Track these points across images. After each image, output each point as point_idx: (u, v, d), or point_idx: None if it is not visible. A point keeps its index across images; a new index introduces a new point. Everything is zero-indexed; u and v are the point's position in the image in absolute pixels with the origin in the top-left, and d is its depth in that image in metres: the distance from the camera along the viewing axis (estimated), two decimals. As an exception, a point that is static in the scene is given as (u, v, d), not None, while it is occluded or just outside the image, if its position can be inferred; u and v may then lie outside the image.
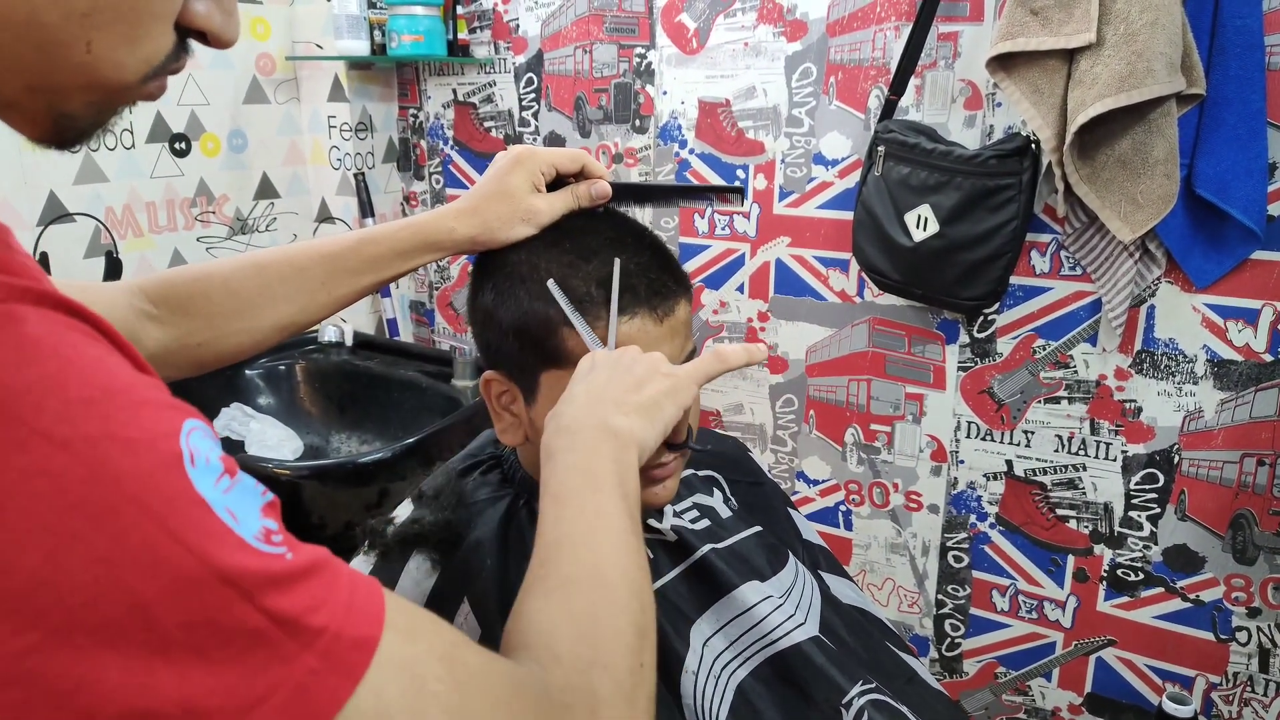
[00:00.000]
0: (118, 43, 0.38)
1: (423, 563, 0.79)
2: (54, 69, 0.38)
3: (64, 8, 0.36)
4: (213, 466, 0.36)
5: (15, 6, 0.35)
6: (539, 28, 1.83)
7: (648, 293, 0.72)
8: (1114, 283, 1.35)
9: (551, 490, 0.58)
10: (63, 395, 0.32)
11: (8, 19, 0.36)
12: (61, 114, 0.40)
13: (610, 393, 0.62)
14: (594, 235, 0.75)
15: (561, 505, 0.57)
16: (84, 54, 0.38)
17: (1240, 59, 1.21)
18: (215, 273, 0.76)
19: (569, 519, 0.56)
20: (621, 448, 0.60)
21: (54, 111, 0.40)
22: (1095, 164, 1.25)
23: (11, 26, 0.36)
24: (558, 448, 0.60)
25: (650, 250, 0.76)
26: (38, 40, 0.36)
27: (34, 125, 0.40)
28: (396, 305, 2.11)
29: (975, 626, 1.67)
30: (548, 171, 0.77)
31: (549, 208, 0.76)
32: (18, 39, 0.36)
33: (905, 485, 1.67)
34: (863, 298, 1.62)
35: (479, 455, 0.90)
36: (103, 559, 0.31)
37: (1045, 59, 1.24)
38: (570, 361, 0.72)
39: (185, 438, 0.35)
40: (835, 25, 1.53)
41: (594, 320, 0.72)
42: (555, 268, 0.73)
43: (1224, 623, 1.45)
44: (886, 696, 0.81)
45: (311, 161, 2.03)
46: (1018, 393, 1.52)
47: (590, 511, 0.56)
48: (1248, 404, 1.35)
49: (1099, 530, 1.51)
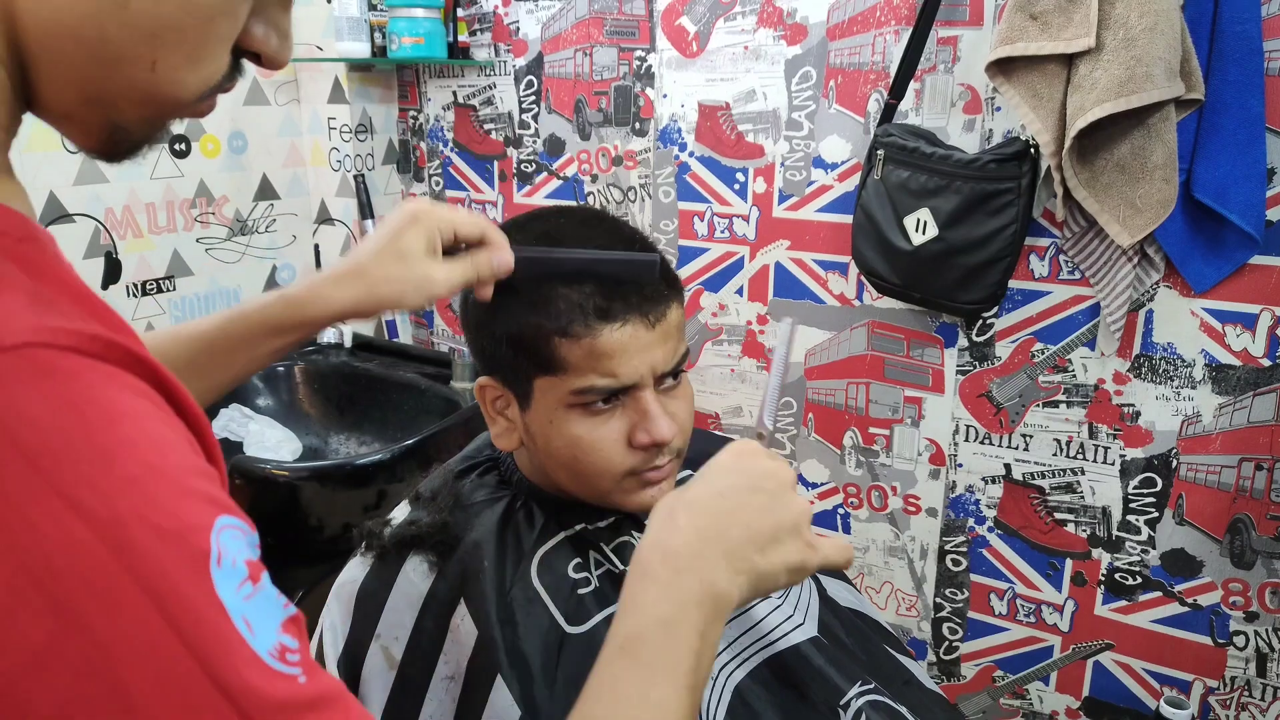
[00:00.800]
0: (181, 63, 0.39)
1: (420, 564, 0.79)
2: (116, 84, 0.38)
3: (133, 28, 0.37)
4: (238, 570, 0.34)
5: (85, 24, 0.36)
6: (539, 30, 1.83)
7: (639, 299, 0.73)
8: (1113, 287, 1.36)
9: (624, 636, 0.53)
10: (107, 469, 0.31)
11: (78, 35, 0.36)
12: (117, 127, 0.40)
13: (734, 532, 0.55)
14: (585, 242, 0.75)
15: (625, 667, 0.52)
16: (148, 72, 0.38)
17: (1239, 64, 1.22)
18: None
19: (624, 697, 0.51)
20: (715, 617, 0.54)
21: (109, 124, 0.40)
22: (1094, 169, 1.26)
23: (80, 43, 0.36)
24: (655, 577, 0.54)
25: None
26: (104, 56, 0.37)
27: (88, 136, 0.41)
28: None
29: (973, 630, 1.67)
30: (446, 233, 0.69)
31: (446, 280, 0.68)
32: (85, 55, 0.37)
33: (904, 488, 1.67)
34: (862, 301, 1.62)
35: (476, 457, 0.90)
36: (101, 645, 0.29)
37: (1044, 64, 1.24)
38: (564, 369, 0.72)
39: (216, 535, 0.33)
40: (835, 29, 1.53)
41: (586, 332, 0.72)
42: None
43: (1221, 627, 1.45)
44: (885, 698, 0.81)
45: (311, 163, 2.03)
46: (1016, 396, 1.53)
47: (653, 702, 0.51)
48: (1246, 408, 1.36)
49: (1097, 534, 1.51)
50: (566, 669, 0.73)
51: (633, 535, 0.83)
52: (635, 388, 0.74)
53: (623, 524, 0.83)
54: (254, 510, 1.78)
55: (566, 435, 0.75)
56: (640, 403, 0.75)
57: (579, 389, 0.73)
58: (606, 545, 0.81)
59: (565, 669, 0.73)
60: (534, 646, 0.73)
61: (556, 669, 0.73)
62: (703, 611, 0.53)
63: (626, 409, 0.75)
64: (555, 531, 0.81)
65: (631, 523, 0.84)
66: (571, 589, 0.77)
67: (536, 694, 0.71)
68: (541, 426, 0.76)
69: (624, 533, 0.83)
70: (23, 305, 0.33)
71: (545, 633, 0.74)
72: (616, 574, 0.80)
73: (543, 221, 0.79)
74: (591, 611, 0.76)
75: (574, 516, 0.82)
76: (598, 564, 0.80)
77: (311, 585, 1.53)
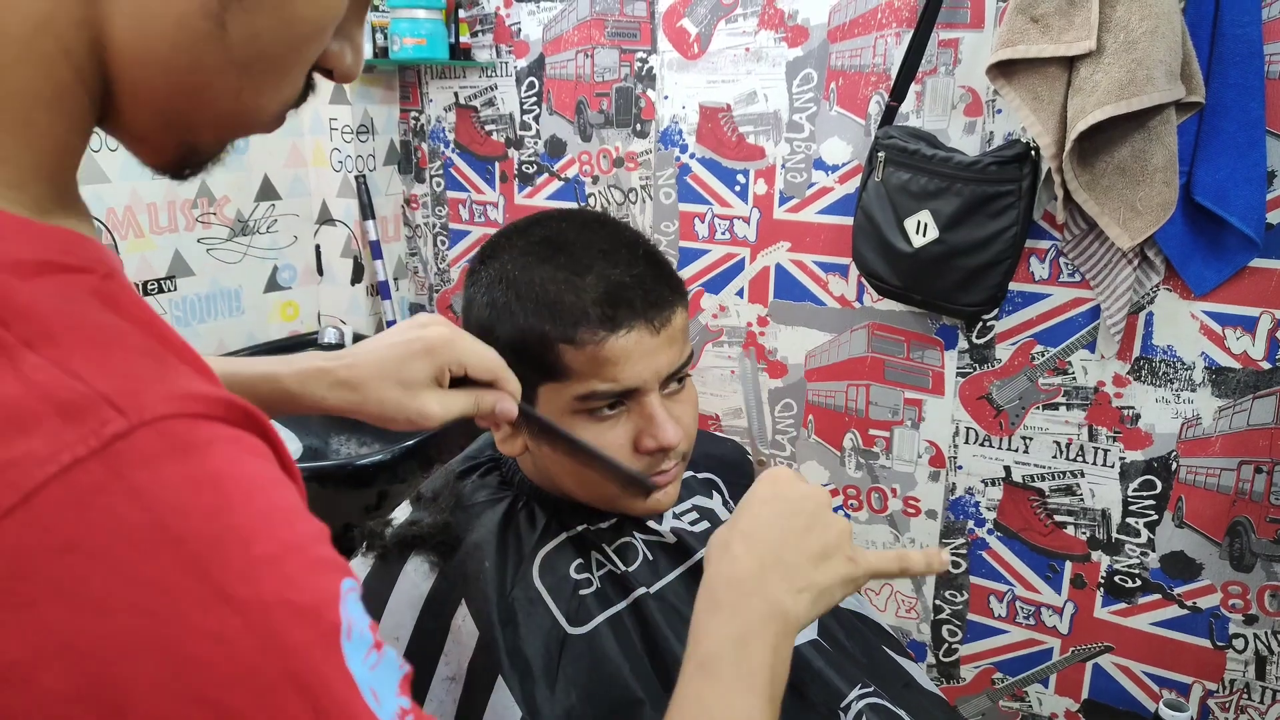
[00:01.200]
0: (265, 89, 0.39)
1: (421, 564, 0.79)
2: (198, 111, 0.38)
3: (227, 59, 0.37)
4: (364, 639, 0.34)
5: (179, 55, 0.36)
6: (540, 32, 1.83)
7: (643, 304, 0.73)
8: (1113, 289, 1.36)
9: (702, 655, 0.56)
10: (247, 551, 0.31)
11: (169, 65, 0.36)
12: (191, 148, 0.40)
13: (789, 555, 0.59)
14: (587, 248, 0.75)
15: (706, 684, 0.54)
16: (232, 101, 0.38)
17: (1240, 67, 1.22)
18: None
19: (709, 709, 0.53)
20: (784, 633, 0.57)
21: (183, 146, 0.40)
22: (1095, 171, 1.26)
23: (170, 72, 0.36)
24: (723, 602, 0.57)
25: (644, 261, 0.76)
26: (192, 86, 0.37)
27: (159, 155, 0.40)
28: (396, 307, 2.11)
29: (973, 632, 1.67)
30: (456, 371, 0.67)
31: (443, 415, 0.67)
32: (172, 84, 0.36)
33: (904, 490, 1.67)
34: (862, 303, 1.62)
35: (478, 458, 0.90)
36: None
37: (1045, 66, 1.24)
38: (568, 375, 0.73)
39: (344, 603, 0.34)
40: (836, 31, 1.53)
41: (591, 338, 0.72)
42: (550, 284, 0.73)
43: (1221, 630, 1.45)
44: (884, 700, 0.81)
45: (313, 163, 2.03)
46: (1016, 399, 1.53)
47: (738, 710, 0.53)
48: (1245, 411, 1.36)
49: (1096, 536, 1.51)
50: (568, 669, 0.73)
51: (634, 536, 0.83)
52: (640, 392, 0.74)
53: (624, 525, 0.83)
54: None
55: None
56: (645, 408, 0.75)
57: (583, 395, 0.73)
58: (608, 546, 0.81)
59: (566, 669, 0.73)
60: (535, 647, 0.73)
61: (558, 669, 0.73)
62: (772, 628, 0.56)
63: (632, 414, 0.76)
64: (557, 532, 0.81)
65: (633, 524, 0.84)
66: (573, 590, 0.77)
67: (538, 694, 0.71)
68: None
69: (625, 533, 0.83)
70: (147, 367, 0.32)
71: (546, 633, 0.74)
72: (618, 574, 0.80)
73: (544, 227, 0.79)
74: (593, 612, 0.76)
75: (575, 517, 0.82)
76: (599, 565, 0.80)
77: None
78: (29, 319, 0.30)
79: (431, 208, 2.10)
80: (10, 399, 0.28)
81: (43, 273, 0.31)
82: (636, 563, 0.81)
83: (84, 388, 0.29)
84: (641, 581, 0.79)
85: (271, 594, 0.31)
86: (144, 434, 0.29)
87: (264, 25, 0.37)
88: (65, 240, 0.34)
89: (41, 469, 0.27)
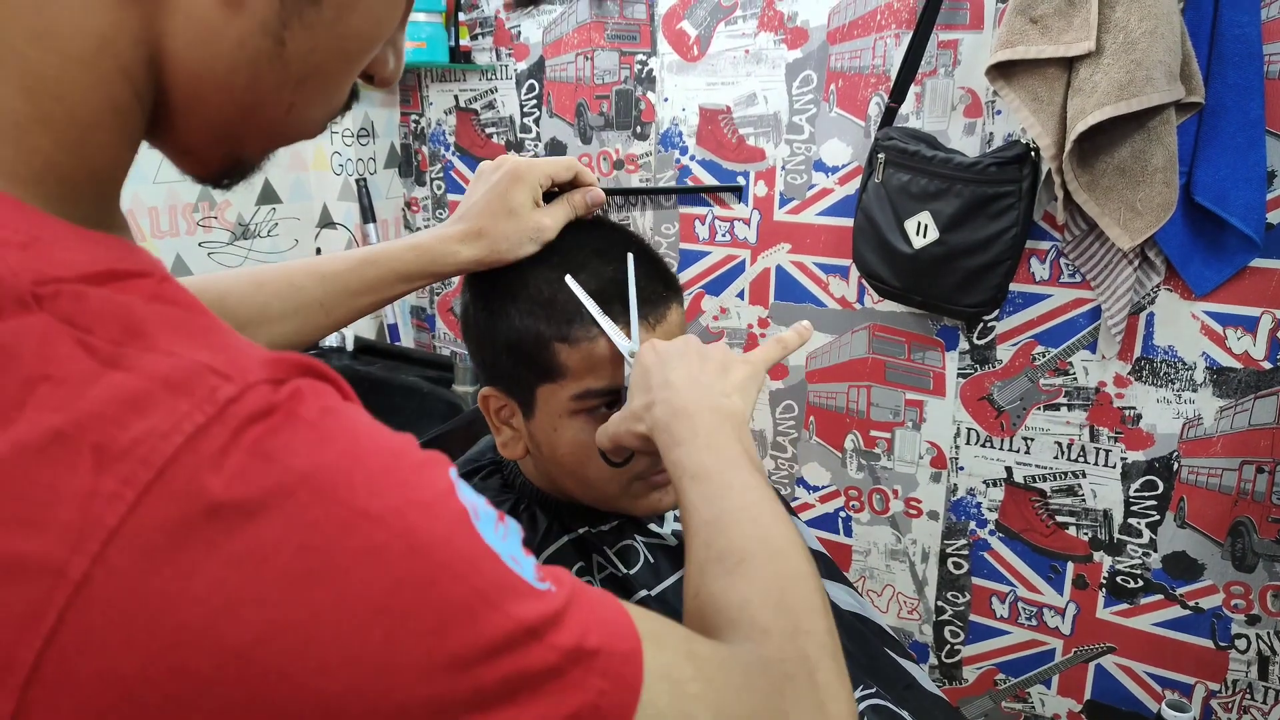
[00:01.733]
0: (315, 102, 0.40)
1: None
2: (249, 125, 0.39)
3: (283, 75, 0.37)
4: (489, 515, 0.37)
5: (237, 73, 0.36)
6: (540, 34, 1.83)
7: (639, 301, 0.73)
8: (1113, 290, 1.36)
9: (689, 471, 0.59)
10: (365, 468, 0.33)
11: (226, 83, 0.36)
12: (236, 159, 0.41)
13: (705, 378, 0.65)
14: (581, 249, 0.76)
15: (706, 484, 0.58)
16: (283, 114, 0.39)
17: (1239, 68, 1.22)
18: (211, 288, 0.75)
19: (720, 496, 0.57)
20: (738, 426, 0.62)
21: (230, 158, 0.41)
22: (1095, 172, 1.26)
23: (225, 89, 0.36)
24: (681, 431, 0.62)
25: (638, 258, 0.76)
26: (246, 102, 0.37)
27: (205, 167, 0.41)
28: (397, 310, 2.12)
29: (975, 633, 1.67)
30: (545, 184, 0.76)
31: (554, 223, 0.75)
32: (226, 99, 0.37)
33: (905, 491, 1.67)
34: (863, 304, 1.62)
35: (479, 461, 0.90)
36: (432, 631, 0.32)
37: (1045, 67, 1.24)
38: (563, 374, 0.73)
39: (459, 490, 0.36)
40: (836, 33, 1.53)
41: (585, 336, 0.72)
42: (544, 284, 0.74)
43: (1223, 630, 1.45)
44: (886, 702, 0.81)
45: (313, 167, 2.04)
46: (1017, 399, 1.53)
47: (739, 487, 0.57)
48: (1247, 411, 1.36)
49: (1098, 537, 1.51)
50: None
51: (635, 539, 0.83)
52: None
53: (625, 527, 0.83)
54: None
55: (571, 442, 0.75)
56: None
57: (579, 393, 0.73)
58: (609, 548, 0.81)
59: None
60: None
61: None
62: (730, 426, 0.62)
63: None
64: (558, 535, 0.81)
65: (634, 526, 0.84)
66: (574, 592, 0.77)
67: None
68: (546, 434, 0.76)
69: (627, 536, 0.83)
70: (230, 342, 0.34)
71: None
72: (619, 577, 0.80)
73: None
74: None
75: (577, 520, 0.82)
76: (600, 567, 0.80)
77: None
78: (110, 322, 0.31)
79: (432, 211, 2.10)
80: (118, 388, 0.29)
81: (110, 280, 0.33)
82: (638, 565, 0.81)
83: (185, 361, 0.31)
84: (643, 584, 0.79)
85: (399, 500, 0.33)
86: (252, 395, 0.31)
87: (321, 41, 0.37)
88: (121, 249, 0.35)
89: (168, 442, 0.29)
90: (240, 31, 0.35)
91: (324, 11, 0.37)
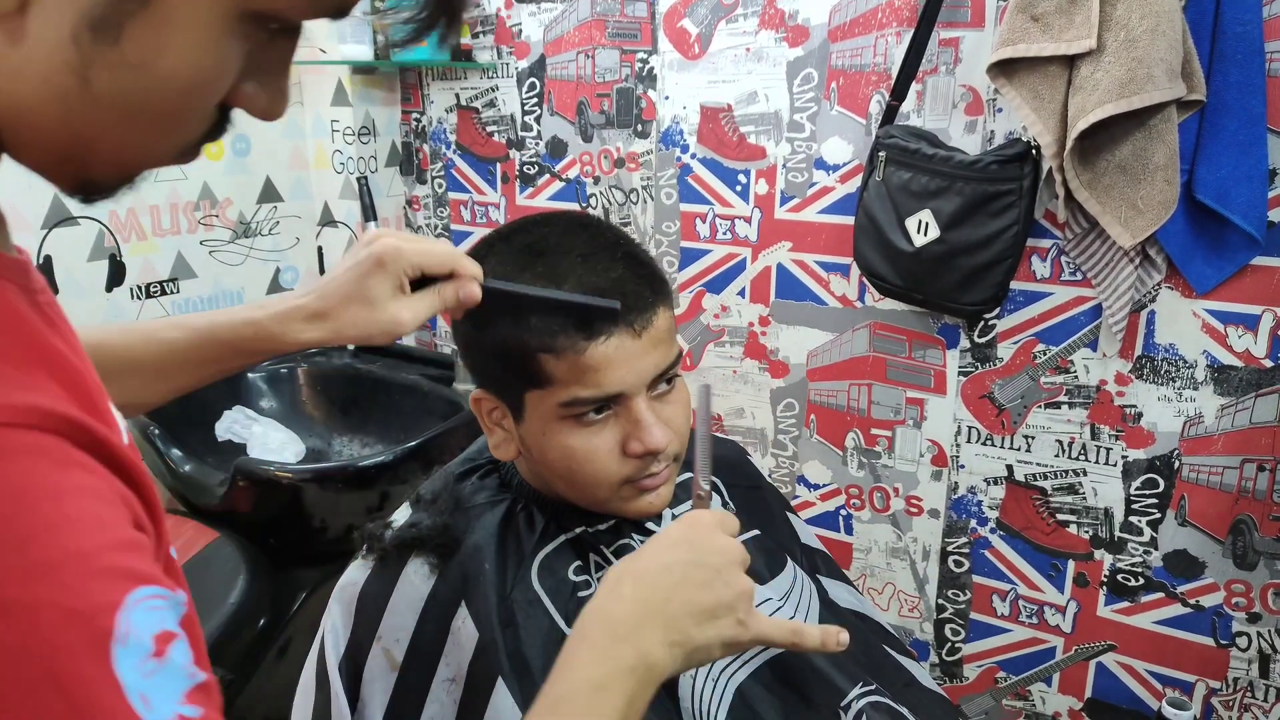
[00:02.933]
0: (153, 134, 0.40)
1: (420, 567, 0.79)
2: (87, 153, 0.39)
3: (98, 110, 0.37)
4: (142, 646, 0.35)
5: (50, 106, 0.37)
6: (541, 33, 1.83)
7: (622, 309, 0.72)
8: (1114, 288, 1.36)
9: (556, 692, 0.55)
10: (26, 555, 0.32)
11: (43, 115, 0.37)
12: (87, 180, 0.41)
13: (674, 607, 0.58)
14: (567, 253, 0.75)
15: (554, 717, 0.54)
16: (116, 145, 0.39)
17: (1241, 65, 1.22)
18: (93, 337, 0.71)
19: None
20: (646, 684, 0.56)
21: (79, 179, 0.41)
22: (1096, 170, 1.26)
23: (49, 119, 0.37)
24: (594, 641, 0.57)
25: (624, 262, 0.75)
26: (70, 134, 0.38)
27: (61, 184, 0.41)
28: (398, 309, 2.12)
29: (975, 631, 1.67)
30: (413, 274, 0.69)
31: (413, 318, 0.69)
32: (55, 128, 0.38)
33: (906, 490, 1.67)
34: (863, 302, 1.62)
35: (477, 460, 0.90)
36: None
37: (1046, 65, 1.24)
38: (550, 382, 0.72)
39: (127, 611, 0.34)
40: (837, 31, 1.53)
41: (570, 346, 0.71)
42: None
43: (1224, 628, 1.45)
44: (886, 699, 0.82)
45: (314, 166, 2.04)
46: (1018, 398, 1.52)
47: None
48: (1248, 409, 1.35)
49: (1099, 535, 1.51)
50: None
51: (633, 538, 0.83)
52: (625, 397, 0.74)
53: (623, 526, 0.83)
54: (257, 512, 1.76)
55: (560, 446, 0.75)
56: (632, 411, 0.74)
57: (567, 401, 0.73)
58: (607, 548, 0.82)
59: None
60: (535, 649, 0.73)
61: (558, 671, 0.73)
62: (634, 678, 0.56)
63: (619, 418, 0.75)
64: (556, 534, 0.81)
65: (631, 526, 0.84)
66: (572, 591, 0.77)
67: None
68: (536, 438, 0.76)
69: (624, 535, 0.83)
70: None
71: (546, 635, 0.74)
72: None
73: (526, 233, 0.78)
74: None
75: (574, 519, 0.82)
76: (598, 567, 0.80)
77: (315, 586, 1.53)
78: None
79: (433, 209, 2.10)
80: None
81: None
82: (636, 564, 0.81)
83: None
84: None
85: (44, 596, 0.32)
86: None
87: (130, 82, 0.37)
88: None
89: None
90: (43, 70, 0.36)
91: (126, 55, 0.36)
